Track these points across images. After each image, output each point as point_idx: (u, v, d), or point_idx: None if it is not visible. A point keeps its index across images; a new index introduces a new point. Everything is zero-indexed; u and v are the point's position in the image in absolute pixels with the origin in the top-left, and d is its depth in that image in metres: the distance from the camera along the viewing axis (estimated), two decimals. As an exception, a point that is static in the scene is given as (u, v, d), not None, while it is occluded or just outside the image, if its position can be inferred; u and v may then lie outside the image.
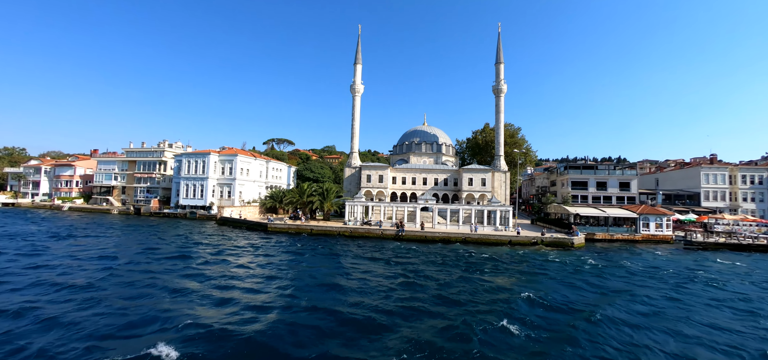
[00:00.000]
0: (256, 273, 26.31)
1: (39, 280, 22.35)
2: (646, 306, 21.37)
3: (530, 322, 17.75)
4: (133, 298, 19.17)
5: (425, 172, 79.66)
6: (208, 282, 23.26)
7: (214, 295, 20.33)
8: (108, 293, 20.07)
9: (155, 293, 20.21)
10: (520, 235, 46.72)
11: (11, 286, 20.81)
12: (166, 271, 25.81)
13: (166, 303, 18.65)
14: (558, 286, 25.69)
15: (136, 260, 29.04)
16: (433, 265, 31.48)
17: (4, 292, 19.56)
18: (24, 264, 26.27)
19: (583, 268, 32.15)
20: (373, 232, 49.19)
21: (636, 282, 27.75)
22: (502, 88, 78.34)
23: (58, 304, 17.78)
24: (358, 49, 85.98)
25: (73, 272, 24.42)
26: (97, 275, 23.81)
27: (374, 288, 23.14)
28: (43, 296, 19.12)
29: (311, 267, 28.85)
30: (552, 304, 20.91)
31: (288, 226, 51.83)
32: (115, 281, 22.52)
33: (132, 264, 27.63)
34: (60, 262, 27.31)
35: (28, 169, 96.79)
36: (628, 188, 71.68)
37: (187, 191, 73.79)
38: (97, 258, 29.33)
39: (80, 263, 27.11)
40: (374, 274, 27.06)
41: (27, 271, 24.50)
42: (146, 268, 26.43)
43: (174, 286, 21.61)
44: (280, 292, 21.41)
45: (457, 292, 22.73)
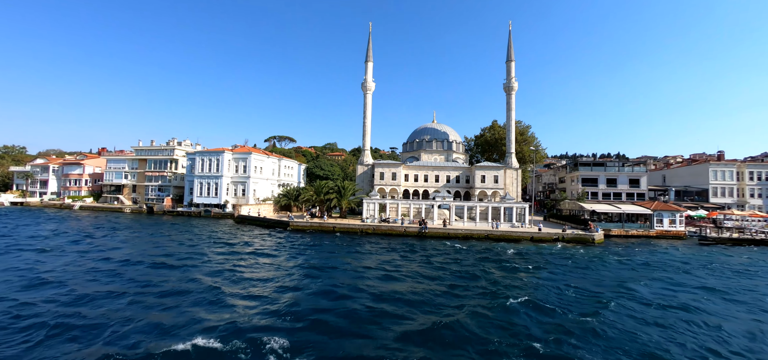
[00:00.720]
0: (309, 274, 26.01)
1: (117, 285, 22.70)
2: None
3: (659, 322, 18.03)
4: (198, 301, 19.50)
5: (437, 170, 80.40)
6: (270, 285, 22.81)
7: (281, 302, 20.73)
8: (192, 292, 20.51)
9: (212, 296, 20.24)
10: (541, 231, 47.63)
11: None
12: (218, 272, 26.12)
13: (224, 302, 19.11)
14: (635, 284, 25.46)
15: (178, 263, 29.01)
16: (475, 263, 31.55)
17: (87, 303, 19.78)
18: (87, 266, 26.22)
19: (630, 264, 33.20)
20: (396, 229, 49.85)
21: (699, 276, 28.71)
22: (514, 86, 79.10)
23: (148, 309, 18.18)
24: (369, 46, 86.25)
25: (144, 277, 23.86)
26: (169, 277, 23.94)
27: (436, 289, 22.76)
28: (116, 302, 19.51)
29: (357, 267, 28.42)
30: (656, 302, 21.22)
31: (310, 224, 52.29)
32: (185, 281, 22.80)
33: (183, 268, 27.88)
34: (117, 266, 26.76)
35: (36, 168, 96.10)
36: (637, 185, 73.06)
37: (201, 189, 73.90)
38: (150, 265, 27.68)
39: (141, 269, 26.36)
40: (422, 276, 26.18)
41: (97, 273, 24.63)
42: (194, 274, 26.56)
43: (231, 289, 21.73)
44: (338, 296, 20.95)
45: (537, 292, 22.64)
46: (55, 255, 29.99)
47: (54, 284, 21.29)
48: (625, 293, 23.01)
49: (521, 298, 20.58)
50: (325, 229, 51.31)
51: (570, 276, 27.75)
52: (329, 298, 20.12)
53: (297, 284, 23.12)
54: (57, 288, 20.58)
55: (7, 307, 17.21)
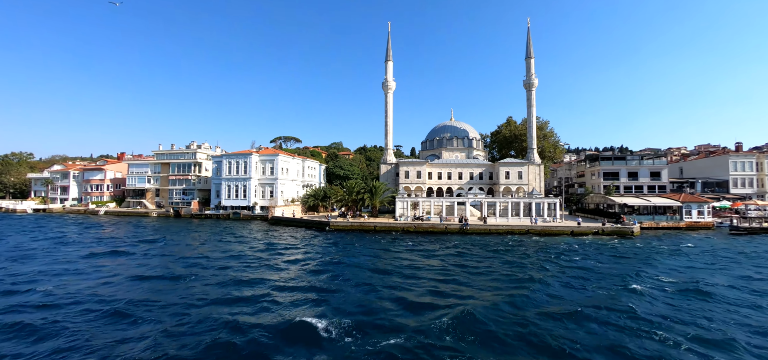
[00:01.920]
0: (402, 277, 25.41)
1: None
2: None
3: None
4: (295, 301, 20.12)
5: (461, 167, 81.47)
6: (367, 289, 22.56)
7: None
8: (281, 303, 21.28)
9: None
10: (580, 225, 48.84)
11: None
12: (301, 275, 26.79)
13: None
14: (722, 274, 26.73)
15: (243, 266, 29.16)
16: (536, 257, 32.46)
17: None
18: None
19: (683, 254, 34.52)
20: (437, 227, 50.84)
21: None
22: (534, 83, 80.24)
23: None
24: (388, 46, 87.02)
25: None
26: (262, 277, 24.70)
27: (523, 288, 22.53)
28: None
29: (429, 268, 28.20)
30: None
31: (351, 223, 53.17)
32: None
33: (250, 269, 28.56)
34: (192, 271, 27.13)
35: (55, 174, 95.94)
36: (658, 177, 74.46)
37: (229, 192, 74.42)
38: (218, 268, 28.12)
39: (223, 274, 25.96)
40: (497, 273, 26.37)
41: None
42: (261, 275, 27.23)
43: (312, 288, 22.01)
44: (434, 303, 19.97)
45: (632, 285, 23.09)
46: (159, 258, 30.68)
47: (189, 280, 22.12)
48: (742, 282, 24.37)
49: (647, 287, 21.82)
50: (365, 228, 52.19)
51: (657, 267, 28.80)
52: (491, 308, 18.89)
53: (435, 287, 22.57)
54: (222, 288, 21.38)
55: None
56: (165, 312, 17.68)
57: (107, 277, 24.83)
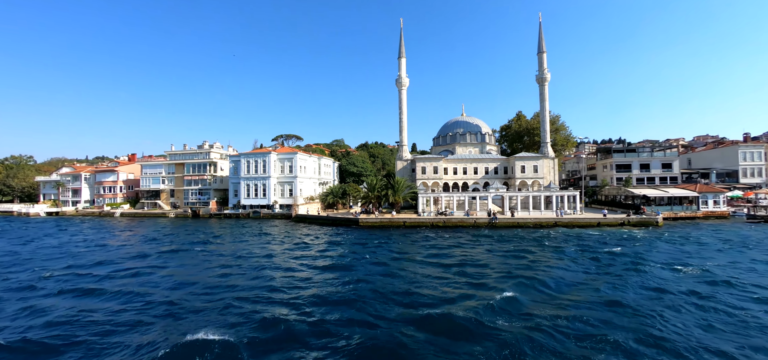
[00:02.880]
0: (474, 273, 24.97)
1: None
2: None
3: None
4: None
5: (476, 162, 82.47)
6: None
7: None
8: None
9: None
10: (606, 217, 50.16)
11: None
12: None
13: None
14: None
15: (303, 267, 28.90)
16: (582, 250, 32.65)
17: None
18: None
19: (723, 242, 35.90)
20: (466, 221, 51.79)
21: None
22: (546, 77, 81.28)
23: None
24: (401, 43, 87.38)
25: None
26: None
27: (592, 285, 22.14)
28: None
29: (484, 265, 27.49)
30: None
31: (380, 220, 53.86)
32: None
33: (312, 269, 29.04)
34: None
35: (66, 177, 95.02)
36: (670, 169, 76.23)
37: (249, 191, 74.60)
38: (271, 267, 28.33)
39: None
40: (580, 268, 25.98)
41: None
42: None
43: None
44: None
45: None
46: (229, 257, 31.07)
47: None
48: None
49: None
50: (395, 224, 52.95)
51: (698, 255, 30.02)
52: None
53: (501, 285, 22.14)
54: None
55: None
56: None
57: (227, 272, 25.75)
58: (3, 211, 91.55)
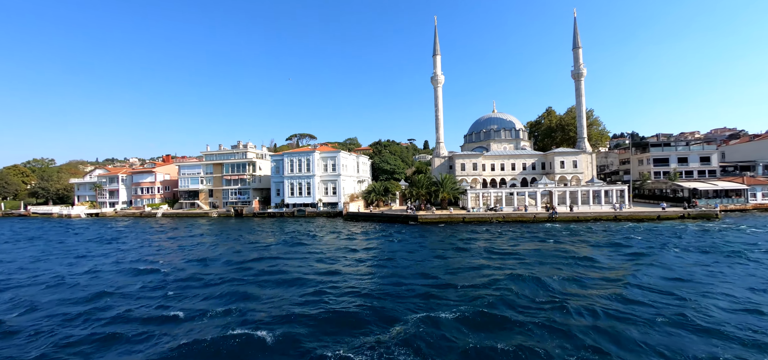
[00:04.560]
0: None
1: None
2: None
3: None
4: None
5: (513, 158, 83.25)
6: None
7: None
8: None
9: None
10: (665, 210, 51.02)
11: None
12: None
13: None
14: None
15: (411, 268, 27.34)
16: (683, 243, 33.09)
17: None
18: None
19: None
20: (526, 216, 52.72)
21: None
22: (582, 72, 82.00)
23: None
24: (435, 40, 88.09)
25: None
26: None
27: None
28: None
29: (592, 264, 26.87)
30: None
31: (438, 216, 54.68)
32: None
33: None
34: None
35: (102, 179, 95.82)
36: (708, 162, 76.92)
37: (293, 190, 75.45)
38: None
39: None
40: (703, 262, 25.89)
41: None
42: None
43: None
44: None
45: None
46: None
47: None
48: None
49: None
50: (454, 220, 53.81)
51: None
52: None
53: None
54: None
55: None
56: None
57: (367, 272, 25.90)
58: (42, 213, 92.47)
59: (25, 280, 26.20)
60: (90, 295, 22.06)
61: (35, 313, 19.35)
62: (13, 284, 25.27)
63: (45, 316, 18.76)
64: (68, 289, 23.54)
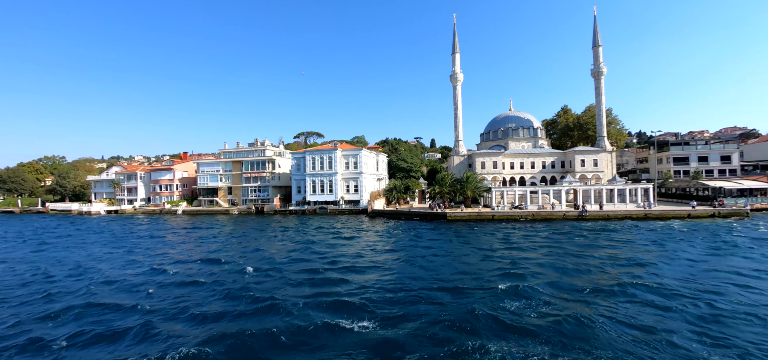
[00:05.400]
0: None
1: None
2: None
3: None
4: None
5: (532, 156, 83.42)
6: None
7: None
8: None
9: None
10: (695, 208, 51.22)
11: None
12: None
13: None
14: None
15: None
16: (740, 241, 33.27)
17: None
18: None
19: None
20: (555, 214, 52.93)
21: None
22: (602, 71, 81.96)
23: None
24: (454, 38, 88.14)
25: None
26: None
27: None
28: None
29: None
30: None
31: (468, 213, 54.97)
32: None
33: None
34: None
35: (120, 176, 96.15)
36: (729, 161, 77.08)
37: (314, 187, 75.70)
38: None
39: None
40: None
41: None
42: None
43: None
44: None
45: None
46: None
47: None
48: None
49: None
50: (483, 217, 54.11)
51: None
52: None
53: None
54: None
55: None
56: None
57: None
58: (61, 210, 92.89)
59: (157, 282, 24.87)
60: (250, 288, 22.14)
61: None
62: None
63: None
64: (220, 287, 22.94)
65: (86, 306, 19.78)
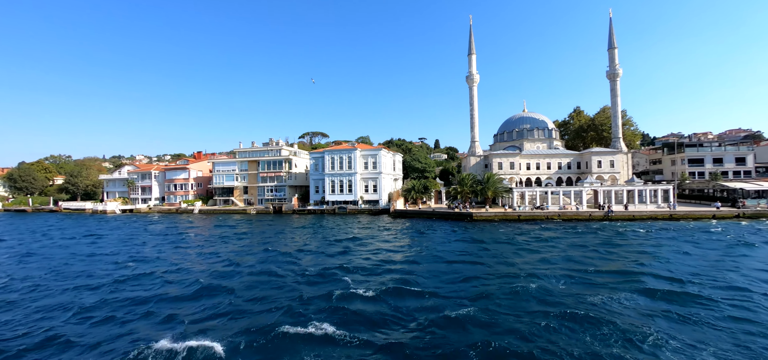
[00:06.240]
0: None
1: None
2: None
3: None
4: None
5: (548, 157, 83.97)
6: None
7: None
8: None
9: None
10: (720, 209, 51.86)
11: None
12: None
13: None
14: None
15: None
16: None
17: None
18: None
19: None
20: (581, 214, 53.40)
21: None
22: (618, 72, 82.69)
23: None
24: (470, 40, 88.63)
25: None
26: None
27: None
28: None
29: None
30: None
31: (494, 214, 55.32)
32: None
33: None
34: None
35: (134, 175, 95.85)
36: (743, 163, 77.92)
37: (333, 187, 75.85)
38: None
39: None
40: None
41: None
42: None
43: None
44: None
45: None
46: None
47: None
48: None
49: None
50: (510, 218, 54.49)
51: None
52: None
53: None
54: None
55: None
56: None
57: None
58: (74, 209, 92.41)
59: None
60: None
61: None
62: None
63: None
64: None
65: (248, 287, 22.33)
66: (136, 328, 16.72)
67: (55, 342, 15.35)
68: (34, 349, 14.85)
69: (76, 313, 18.62)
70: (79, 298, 20.98)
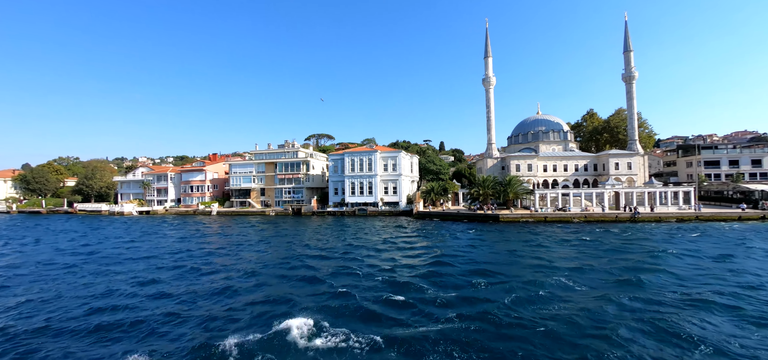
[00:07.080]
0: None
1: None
2: None
3: None
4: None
5: (565, 159, 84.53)
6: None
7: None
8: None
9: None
10: (745, 211, 52.40)
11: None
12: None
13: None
14: None
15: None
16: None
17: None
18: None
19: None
20: (608, 216, 53.91)
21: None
22: (634, 75, 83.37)
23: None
24: (487, 43, 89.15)
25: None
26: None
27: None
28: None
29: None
30: None
31: (520, 215, 55.74)
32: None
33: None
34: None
35: (149, 177, 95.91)
36: (760, 165, 78.63)
37: (353, 189, 76.15)
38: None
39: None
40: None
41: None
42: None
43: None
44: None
45: None
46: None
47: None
48: None
49: None
50: (537, 219, 54.92)
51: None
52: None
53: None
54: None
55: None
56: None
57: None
58: (90, 211, 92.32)
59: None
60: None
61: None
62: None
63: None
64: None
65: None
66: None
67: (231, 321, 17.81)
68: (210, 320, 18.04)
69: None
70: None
